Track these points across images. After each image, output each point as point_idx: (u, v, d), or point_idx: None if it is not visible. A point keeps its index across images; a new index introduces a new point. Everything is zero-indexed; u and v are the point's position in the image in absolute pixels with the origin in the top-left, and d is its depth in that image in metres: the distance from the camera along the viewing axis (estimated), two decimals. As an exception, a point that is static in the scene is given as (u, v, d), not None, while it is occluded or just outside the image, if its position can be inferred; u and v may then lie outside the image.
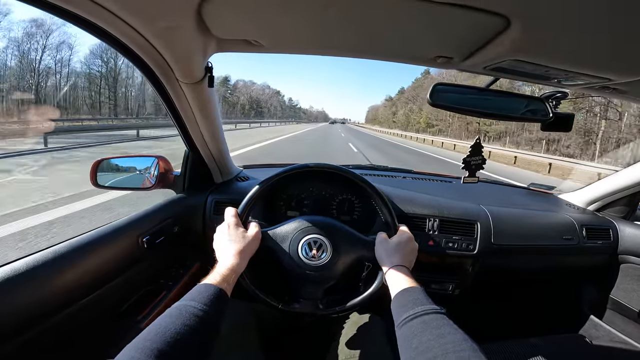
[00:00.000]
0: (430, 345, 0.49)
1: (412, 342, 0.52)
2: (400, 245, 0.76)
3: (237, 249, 0.70)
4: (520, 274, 1.29)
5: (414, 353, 0.50)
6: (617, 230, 1.24)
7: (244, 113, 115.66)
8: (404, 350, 0.53)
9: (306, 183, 1.07)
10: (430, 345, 0.49)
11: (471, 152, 0.91)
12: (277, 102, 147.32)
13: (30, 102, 42.63)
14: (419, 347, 0.50)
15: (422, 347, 0.50)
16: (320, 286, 0.81)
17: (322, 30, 0.56)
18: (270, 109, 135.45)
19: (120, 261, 0.80)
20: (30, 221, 3.03)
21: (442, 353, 0.47)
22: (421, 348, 0.50)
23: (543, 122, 0.82)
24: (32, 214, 3.26)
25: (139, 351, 0.42)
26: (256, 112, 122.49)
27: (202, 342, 0.50)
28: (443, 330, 0.51)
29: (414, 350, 0.50)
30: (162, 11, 0.48)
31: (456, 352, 0.47)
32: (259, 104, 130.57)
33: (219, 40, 0.61)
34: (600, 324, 1.32)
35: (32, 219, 3.10)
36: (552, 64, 0.57)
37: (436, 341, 0.49)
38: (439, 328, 0.52)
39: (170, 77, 0.68)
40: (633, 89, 0.68)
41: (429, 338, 0.50)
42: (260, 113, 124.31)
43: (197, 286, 0.58)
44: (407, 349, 0.52)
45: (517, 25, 0.45)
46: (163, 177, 1.06)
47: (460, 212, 1.10)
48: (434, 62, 0.66)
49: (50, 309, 0.63)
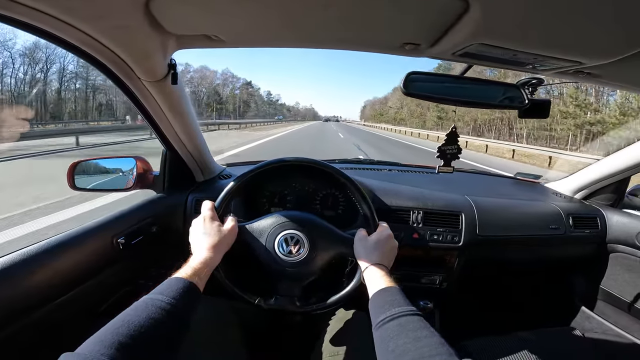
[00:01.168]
0: (406, 349, 0.49)
1: (388, 344, 0.51)
2: (379, 244, 0.75)
3: (211, 242, 0.69)
4: (507, 266, 1.29)
5: (391, 356, 0.50)
6: (605, 219, 1.23)
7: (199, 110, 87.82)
8: (381, 353, 0.53)
9: (289, 179, 1.06)
10: (407, 348, 0.49)
11: (446, 141, 0.90)
12: (249, 96, 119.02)
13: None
14: (395, 350, 0.50)
15: (398, 350, 0.49)
16: (297, 282, 0.79)
17: (281, 21, 0.54)
18: (236, 105, 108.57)
19: (93, 262, 0.79)
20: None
21: (418, 357, 0.47)
22: (397, 351, 0.49)
23: (520, 109, 0.80)
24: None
25: (99, 344, 0.42)
26: (215, 110, 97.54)
27: (168, 335, 0.49)
28: (419, 334, 0.51)
29: (391, 354, 0.50)
30: (106, 10, 0.46)
31: (432, 356, 0.46)
32: (219, 98, 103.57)
33: (178, 37, 0.59)
34: (592, 316, 1.31)
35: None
36: (519, 48, 0.56)
37: (412, 344, 0.49)
38: (416, 331, 0.52)
39: (132, 76, 0.67)
40: (606, 73, 0.66)
41: (405, 341, 0.50)
42: (221, 111, 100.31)
43: (167, 280, 0.58)
44: (383, 352, 0.52)
45: (476, 7, 0.44)
46: (142, 178, 1.04)
47: (444, 203, 1.09)
48: (402, 49, 0.64)
49: (20, 309, 0.63)
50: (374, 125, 64.07)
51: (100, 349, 0.40)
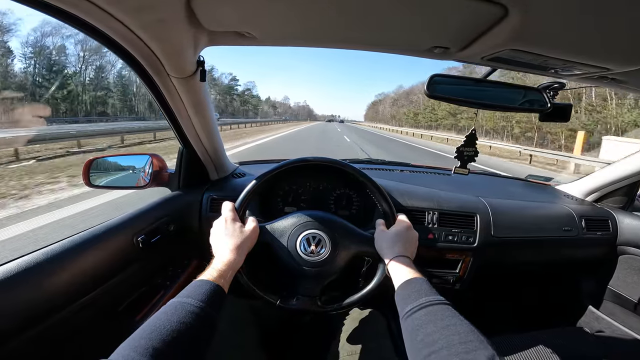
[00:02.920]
0: (435, 337, 0.48)
1: (417, 334, 0.51)
2: (400, 235, 0.75)
3: (234, 244, 0.68)
4: (520, 267, 1.29)
5: (420, 345, 0.49)
6: (616, 221, 1.24)
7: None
8: (409, 342, 0.52)
9: (303, 178, 1.06)
10: (436, 337, 0.48)
11: (465, 143, 0.90)
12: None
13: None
14: (425, 339, 0.49)
15: (427, 339, 0.49)
16: (318, 282, 0.80)
17: (316, 21, 0.54)
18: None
19: (115, 261, 0.78)
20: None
21: (447, 345, 0.46)
22: (427, 340, 0.48)
23: (541, 113, 0.81)
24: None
25: (133, 350, 0.41)
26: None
27: (198, 339, 0.49)
28: (449, 322, 0.50)
29: (420, 342, 0.49)
30: (149, 3, 0.46)
31: (462, 343, 0.45)
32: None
33: (210, 33, 0.59)
34: (601, 316, 1.32)
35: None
36: (550, 54, 0.56)
37: (441, 333, 0.48)
38: (445, 319, 0.51)
39: (161, 72, 0.67)
40: (631, 79, 0.67)
41: (434, 330, 0.49)
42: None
43: (193, 283, 0.57)
44: (412, 341, 0.51)
45: (515, 14, 0.44)
46: (157, 175, 1.04)
47: (459, 204, 1.10)
48: (430, 52, 0.64)
49: (43, 311, 0.62)
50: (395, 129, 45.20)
51: (135, 356, 0.41)
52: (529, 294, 1.50)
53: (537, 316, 1.45)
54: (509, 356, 0.96)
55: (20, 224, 3.39)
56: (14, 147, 7.23)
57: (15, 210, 3.89)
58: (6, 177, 5.55)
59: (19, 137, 6.08)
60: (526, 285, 1.49)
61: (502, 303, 1.50)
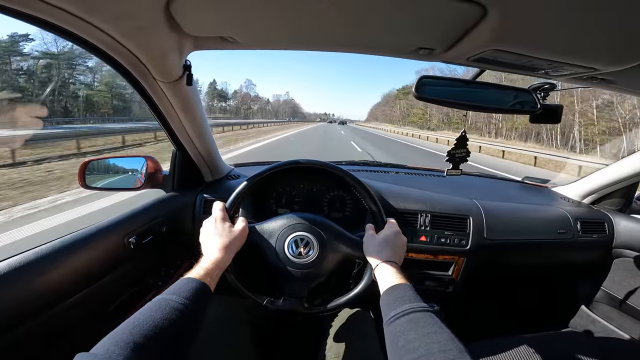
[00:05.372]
0: (416, 345, 0.48)
1: (398, 340, 0.51)
2: (388, 240, 0.75)
3: (222, 243, 0.69)
4: (514, 270, 1.28)
5: (401, 352, 0.49)
6: (613, 224, 1.23)
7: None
8: (391, 348, 0.52)
9: (297, 180, 1.06)
10: (417, 344, 0.48)
11: (456, 145, 0.90)
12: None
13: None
14: (406, 346, 0.49)
15: (408, 346, 0.49)
16: (306, 284, 0.80)
17: (299, 24, 0.54)
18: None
19: (105, 262, 0.79)
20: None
21: (427, 352, 0.46)
22: (407, 347, 0.49)
23: (531, 114, 0.80)
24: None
25: (114, 344, 0.42)
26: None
27: (181, 335, 0.50)
28: (430, 329, 0.51)
29: (400, 349, 0.50)
30: (128, 11, 0.47)
31: (442, 352, 0.46)
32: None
33: (195, 39, 0.60)
34: (597, 319, 1.31)
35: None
36: (534, 54, 0.56)
37: (422, 340, 0.49)
38: (426, 327, 0.51)
39: (147, 76, 0.67)
40: (621, 79, 0.66)
41: (415, 337, 0.50)
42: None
43: (179, 280, 0.58)
44: (393, 347, 0.52)
45: (495, 14, 0.44)
46: (152, 177, 1.05)
47: (452, 206, 1.09)
48: (416, 54, 0.64)
49: (34, 308, 0.63)
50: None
51: (116, 350, 0.41)
52: (523, 296, 1.48)
53: (532, 318, 1.44)
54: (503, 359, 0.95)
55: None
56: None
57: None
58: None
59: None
60: (520, 288, 1.48)
61: (496, 305, 1.48)
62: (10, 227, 3.12)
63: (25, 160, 6.68)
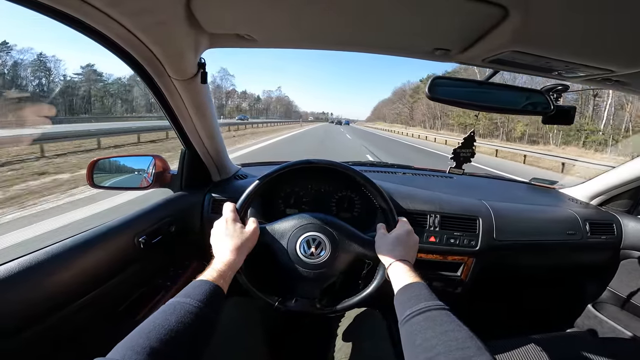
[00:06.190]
0: (434, 343, 0.48)
1: (415, 339, 0.50)
2: (400, 239, 0.75)
3: (234, 244, 0.68)
4: (523, 270, 1.28)
5: (418, 350, 0.49)
6: (621, 225, 1.23)
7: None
8: (408, 346, 0.52)
9: (305, 180, 1.06)
10: (434, 342, 0.48)
11: (463, 144, 0.91)
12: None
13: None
14: (423, 344, 0.48)
15: (425, 344, 0.48)
16: (317, 285, 0.80)
17: (316, 24, 0.54)
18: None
19: (115, 262, 0.79)
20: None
21: (445, 350, 0.45)
22: (425, 345, 0.48)
23: (544, 115, 0.80)
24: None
25: (130, 349, 0.41)
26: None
27: (196, 338, 0.49)
28: (447, 327, 0.50)
29: (418, 347, 0.49)
30: (150, 6, 0.46)
31: (460, 349, 0.45)
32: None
33: (211, 36, 0.60)
34: (603, 320, 1.31)
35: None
36: (552, 55, 0.56)
37: (439, 338, 0.48)
38: (443, 325, 0.51)
39: (162, 74, 0.67)
40: (635, 81, 0.66)
41: (432, 335, 0.49)
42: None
43: (192, 283, 0.57)
44: (410, 346, 0.51)
45: (516, 16, 0.44)
46: (160, 176, 1.05)
47: (461, 207, 1.09)
48: (431, 54, 0.64)
49: (44, 310, 0.62)
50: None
51: (133, 355, 0.40)
52: (531, 297, 1.48)
53: (540, 319, 1.43)
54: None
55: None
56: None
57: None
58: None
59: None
60: (528, 288, 1.48)
61: (504, 306, 1.48)
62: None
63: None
